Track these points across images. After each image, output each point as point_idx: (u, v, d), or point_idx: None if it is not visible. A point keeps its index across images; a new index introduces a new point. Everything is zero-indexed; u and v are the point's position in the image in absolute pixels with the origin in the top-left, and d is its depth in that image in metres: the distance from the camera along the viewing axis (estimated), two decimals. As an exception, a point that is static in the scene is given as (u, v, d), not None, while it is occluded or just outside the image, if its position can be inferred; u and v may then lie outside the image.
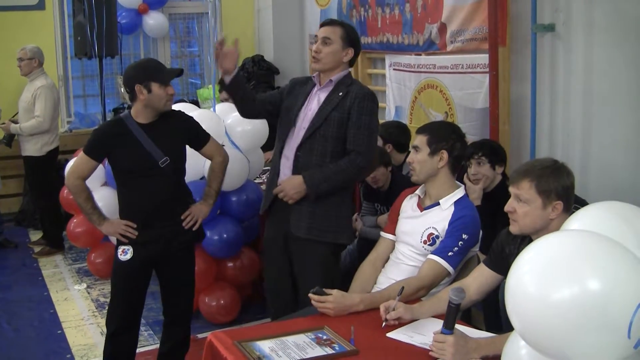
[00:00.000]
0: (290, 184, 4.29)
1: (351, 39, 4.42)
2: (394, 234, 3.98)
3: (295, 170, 4.34)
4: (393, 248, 3.98)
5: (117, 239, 4.37)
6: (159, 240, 4.33)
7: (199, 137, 4.52)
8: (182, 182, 4.51)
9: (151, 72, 4.22)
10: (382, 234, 4.06)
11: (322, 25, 4.47)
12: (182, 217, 4.39)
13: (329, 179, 4.27)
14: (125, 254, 4.31)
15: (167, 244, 4.36)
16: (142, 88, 4.17)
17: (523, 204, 3.07)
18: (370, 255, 4.06)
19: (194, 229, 4.44)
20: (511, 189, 3.14)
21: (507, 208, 3.14)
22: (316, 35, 4.42)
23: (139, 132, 4.23)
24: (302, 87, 4.51)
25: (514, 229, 3.15)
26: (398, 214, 4.00)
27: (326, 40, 4.34)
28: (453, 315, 2.92)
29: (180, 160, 4.42)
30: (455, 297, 2.90)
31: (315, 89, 4.43)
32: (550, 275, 1.95)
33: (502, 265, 3.26)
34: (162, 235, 4.33)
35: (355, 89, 4.37)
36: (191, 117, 4.57)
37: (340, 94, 4.33)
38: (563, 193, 3.05)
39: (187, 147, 4.50)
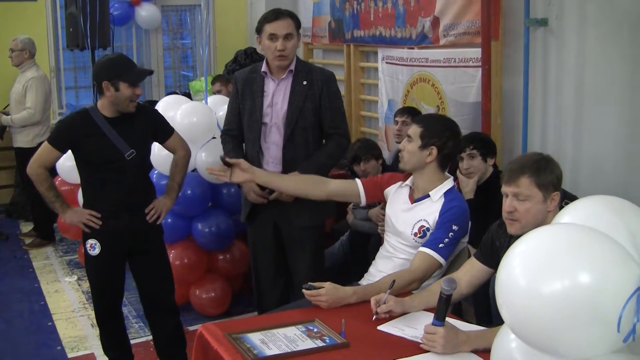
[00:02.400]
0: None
1: (299, 25, 4.52)
2: (365, 188, 4.04)
3: (285, 168, 4.44)
4: (352, 192, 4.06)
5: (84, 233, 4.37)
6: (126, 231, 4.34)
7: (163, 131, 4.52)
8: (148, 176, 4.55)
9: (121, 70, 4.19)
10: (357, 180, 4.13)
11: (272, 19, 4.41)
12: (146, 211, 4.39)
13: (323, 166, 4.49)
14: (94, 248, 4.33)
15: (134, 235, 4.38)
16: (110, 85, 4.16)
17: (524, 202, 3.04)
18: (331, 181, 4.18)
19: (157, 222, 4.45)
20: (509, 189, 3.09)
21: (507, 209, 3.09)
22: (272, 33, 4.37)
23: (105, 124, 4.22)
24: (251, 84, 4.54)
25: (514, 229, 3.10)
26: (380, 184, 4.06)
27: (288, 36, 4.38)
28: (444, 306, 2.93)
29: (146, 154, 4.46)
30: (446, 287, 2.90)
31: (273, 82, 4.48)
32: (540, 268, 1.95)
33: (492, 258, 3.27)
34: (128, 226, 4.33)
35: (316, 75, 4.51)
36: (156, 111, 4.63)
37: (305, 82, 4.44)
38: (558, 183, 3.08)
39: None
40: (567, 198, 4.30)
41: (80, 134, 4.22)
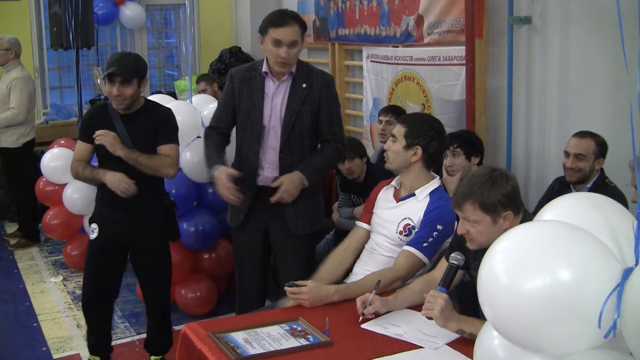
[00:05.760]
0: (292, 182, 4.29)
1: (305, 29, 4.39)
2: (369, 224, 3.98)
3: (282, 172, 4.36)
4: (367, 238, 3.98)
5: (90, 218, 4.61)
6: (122, 222, 4.44)
7: (161, 135, 4.45)
8: (158, 178, 4.54)
9: (106, 68, 4.33)
10: (357, 222, 4.07)
11: (279, 25, 4.23)
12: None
13: (321, 168, 4.48)
14: (93, 232, 4.51)
15: (130, 228, 4.46)
16: (105, 82, 4.34)
17: (473, 224, 3.02)
18: (343, 242, 4.07)
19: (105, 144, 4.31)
20: (457, 213, 3.09)
21: (459, 231, 3.10)
22: (277, 39, 4.20)
23: (117, 119, 4.37)
24: (249, 83, 4.39)
25: (472, 246, 3.11)
26: (373, 205, 4.00)
27: (293, 43, 4.25)
28: (451, 276, 3.09)
29: (152, 152, 4.43)
30: (455, 259, 3.10)
31: (273, 83, 4.37)
32: (521, 265, 1.96)
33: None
34: (125, 217, 4.43)
35: (316, 77, 4.42)
36: (168, 114, 4.57)
37: (304, 85, 4.35)
38: (507, 201, 2.99)
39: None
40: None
41: (97, 125, 4.35)
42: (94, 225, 4.52)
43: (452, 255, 3.10)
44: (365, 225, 4.00)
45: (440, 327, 2.99)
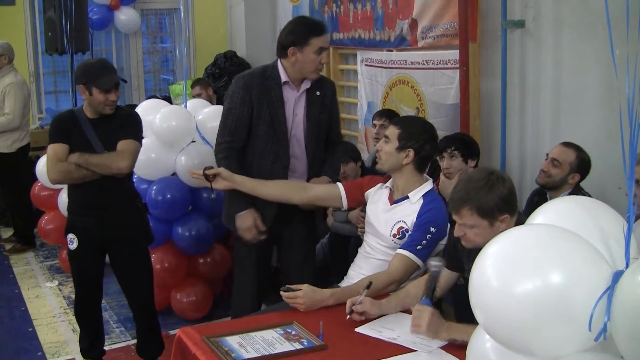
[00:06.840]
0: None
1: None
2: (345, 191, 4.06)
3: (309, 180, 4.43)
4: (332, 197, 4.11)
5: (65, 228, 4.55)
6: (97, 228, 4.44)
7: (121, 132, 4.41)
8: (124, 177, 4.50)
9: (94, 76, 4.29)
10: (338, 183, 4.15)
11: (322, 33, 4.24)
12: None
13: (339, 171, 4.77)
14: (72, 243, 4.50)
15: (105, 233, 4.46)
16: (85, 89, 4.29)
17: (471, 228, 3.02)
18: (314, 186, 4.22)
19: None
20: (454, 217, 3.09)
21: (456, 234, 3.09)
22: (322, 47, 4.22)
23: (87, 124, 4.36)
24: (268, 93, 4.28)
25: (467, 245, 3.10)
26: (363, 189, 4.06)
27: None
28: (433, 285, 3.07)
29: None
30: (434, 265, 3.12)
31: (293, 92, 4.33)
32: (513, 268, 1.98)
33: (455, 262, 3.31)
34: (98, 224, 4.43)
35: (325, 84, 4.47)
36: (134, 115, 4.62)
37: (318, 93, 4.37)
38: (504, 204, 2.99)
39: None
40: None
41: (68, 130, 4.35)
42: (72, 236, 4.49)
43: (430, 262, 3.06)
44: (342, 189, 4.08)
45: None
